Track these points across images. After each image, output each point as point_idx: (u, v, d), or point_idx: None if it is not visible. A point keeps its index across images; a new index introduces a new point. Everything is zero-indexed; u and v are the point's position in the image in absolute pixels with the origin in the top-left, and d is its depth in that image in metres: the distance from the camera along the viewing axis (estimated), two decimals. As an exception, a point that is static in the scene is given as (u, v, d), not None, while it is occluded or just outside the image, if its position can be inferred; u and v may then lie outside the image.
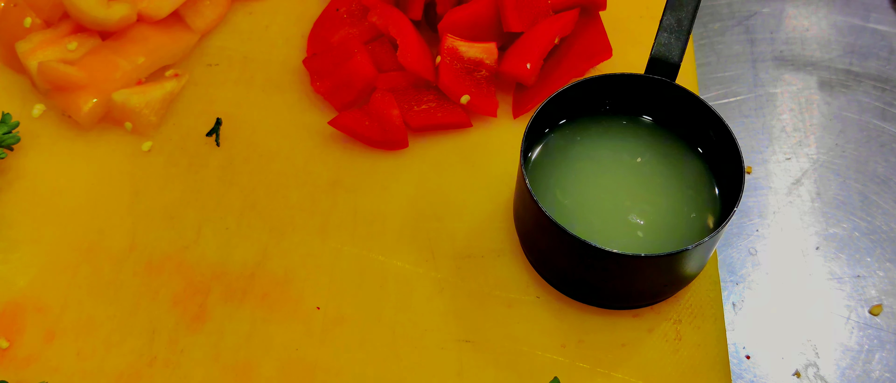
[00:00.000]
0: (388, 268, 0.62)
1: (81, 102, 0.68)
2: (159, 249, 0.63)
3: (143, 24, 0.71)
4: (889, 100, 0.77)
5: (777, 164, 0.73)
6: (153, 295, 0.61)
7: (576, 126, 0.61)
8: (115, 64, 0.69)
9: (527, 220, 0.58)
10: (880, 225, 0.69)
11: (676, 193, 0.60)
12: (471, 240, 0.63)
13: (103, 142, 0.68)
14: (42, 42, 0.70)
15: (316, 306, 0.60)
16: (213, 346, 0.59)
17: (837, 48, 0.80)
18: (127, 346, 0.59)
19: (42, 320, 0.60)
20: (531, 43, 0.68)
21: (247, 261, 0.62)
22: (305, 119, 0.70)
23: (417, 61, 0.68)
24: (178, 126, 0.69)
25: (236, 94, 0.71)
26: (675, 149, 0.61)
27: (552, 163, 0.60)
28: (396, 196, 0.66)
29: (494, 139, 0.68)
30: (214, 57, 0.73)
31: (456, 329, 0.60)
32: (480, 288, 0.61)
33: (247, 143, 0.68)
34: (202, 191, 0.66)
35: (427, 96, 0.69)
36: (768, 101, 0.77)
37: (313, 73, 0.71)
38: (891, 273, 0.67)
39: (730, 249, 0.68)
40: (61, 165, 0.67)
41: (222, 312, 0.60)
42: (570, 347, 0.59)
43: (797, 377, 0.63)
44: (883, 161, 0.73)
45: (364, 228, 0.64)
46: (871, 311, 0.66)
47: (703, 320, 0.60)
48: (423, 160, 0.67)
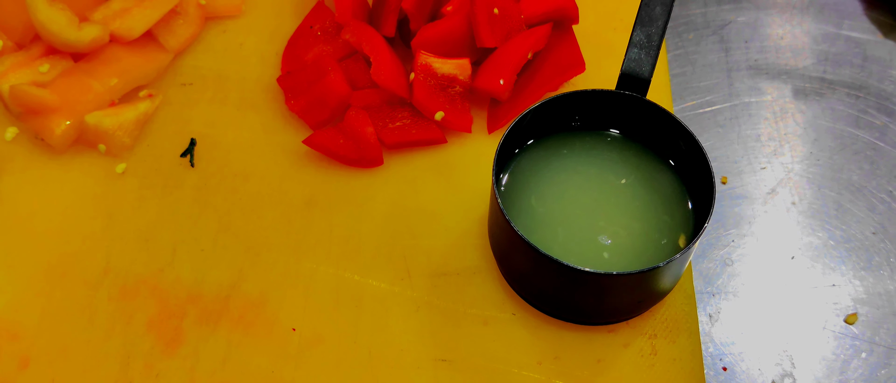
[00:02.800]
0: (364, 288, 0.62)
1: (54, 125, 0.68)
2: (134, 272, 0.63)
3: (116, 44, 0.71)
4: (863, 107, 0.78)
5: (752, 174, 0.74)
6: (128, 320, 0.60)
7: (548, 142, 0.62)
8: (88, 86, 0.69)
9: (501, 239, 0.58)
10: (855, 233, 0.70)
11: (649, 208, 0.60)
12: (446, 258, 0.63)
13: (77, 164, 0.68)
14: (13, 65, 0.70)
15: (291, 327, 0.60)
16: (188, 370, 0.59)
17: (811, 56, 0.81)
18: (102, 372, 0.58)
19: (15, 347, 0.60)
20: (504, 58, 0.68)
21: (222, 282, 0.62)
22: (280, 138, 0.70)
23: (391, 78, 0.68)
24: (152, 147, 0.69)
25: (210, 114, 0.71)
26: (648, 163, 0.61)
27: (524, 181, 0.60)
28: (372, 214, 0.66)
29: (469, 155, 0.68)
30: (188, 76, 0.73)
31: (432, 348, 0.60)
32: (456, 306, 0.61)
33: (221, 164, 0.68)
34: (177, 212, 0.66)
35: (401, 113, 0.69)
36: (743, 111, 0.77)
37: (287, 91, 0.71)
38: (866, 282, 0.67)
39: (705, 260, 0.69)
40: (35, 189, 0.67)
41: (197, 335, 0.60)
42: (547, 364, 0.59)
43: None
44: (857, 169, 0.74)
45: (339, 247, 0.64)
46: (847, 320, 0.66)
47: (678, 334, 0.60)
48: (399, 177, 0.68)
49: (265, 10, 0.77)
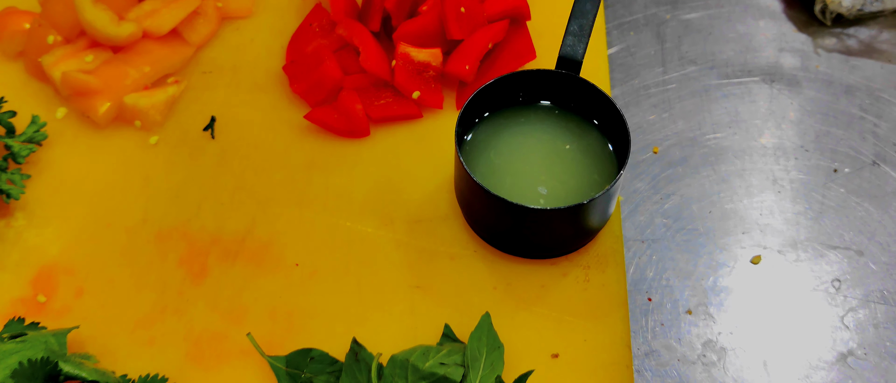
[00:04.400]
0: (354, 232, 0.76)
1: (98, 105, 0.82)
2: (166, 222, 0.77)
3: (148, 39, 0.85)
4: (776, 90, 0.91)
5: (680, 146, 0.87)
6: (163, 258, 0.74)
7: (502, 114, 0.76)
8: (125, 73, 0.83)
9: (463, 189, 0.72)
10: (760, 183, 0.83)
11: (581, 167, 0.74)
12: (421, 208, 0.77)
13: (117, 137, 0.82)
14: (63, 55, 0.84)
15: (295, 263, 0.74)
16: (212, 297, 0.72)
17: (734, 48, 0.95)
18: (142, 298, 0.72)
19: (72, 280, 0.73)
20: (470, 48, 0.82)
21: (238, 228, 0.76)
22: (285, 115, 0.84)
23: (377, 65, 0.82)
24: (179, 123, 0.83)
25: (227, 96, 0.85)
26: (581, 129, 0.75)
27: (483, 144, 0.74)
28: (361, 174, 0.80)
29: (441, 127, 0.83)
30: (208, 66, 0.87)
31: (409, 277, 0.73)
32: (429, 245, 0.75)
33: (237, 136, 0.82)
34: (200, 175, 0.80)
35: (385, 93, 0.83)
36: (674, 92, 0.91)
37: (291, 77, 0.85)
38: (768, 228, 0.81)
39: (638, 215, 0.82)
40: (82, 157, 0.81)
41: (219, 269, 0.74)
42: (500, 289, 0.73)
43: (689, 314, 0.77)
44: (771, 136, 0.87)
45: (334, 201, 0.78)
46: (752, 261, 0.80)
47: (607, 266, 0.73)
48: (383, 145, 0.82)
49: (272, 11, 0.92)
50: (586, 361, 0.69)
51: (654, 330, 0.75)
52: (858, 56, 0.94)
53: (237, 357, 0.69)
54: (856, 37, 0.96)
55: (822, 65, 0.93)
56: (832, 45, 0.95)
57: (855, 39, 0.96)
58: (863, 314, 0.76)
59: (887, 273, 0.78)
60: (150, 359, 0.69)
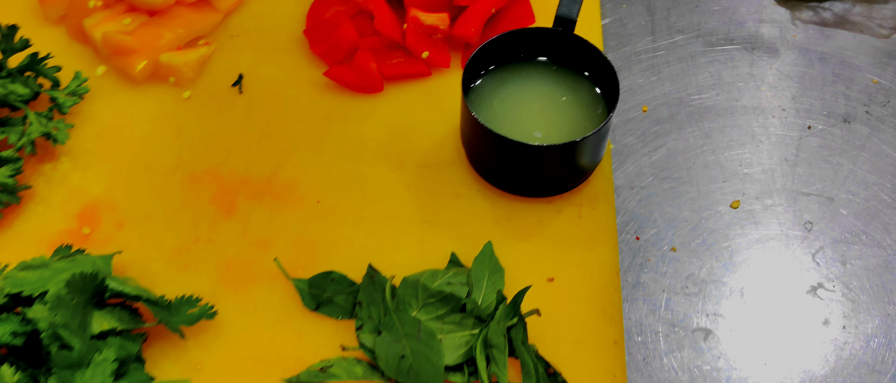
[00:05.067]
0: (369, 175, 0.84)
1: (135, 63, 0.90)
2: (199, 165, 0.84)
3: (181, 5, 0.93)
4: (754, 58, 0.99)
5: (667, 106, 0.95)
6: (196, 197, 0.82)
7: (504, 68, 0.83)
8: (160, 34, 0.91)
9: (467, 132, 0.80)
10: (740, 137, 0.91)
11: (575, 115, 0.81)
12: (429, 154, 0.85)
13: (152, 92, 0.90)
14: (103, 18, 0.92)
15: (316, 200, 0.82)
16: (241, 230, 0.80)
17: (718, 19, 1.02)
18: (177, 230, 0.80)
19: (113, 215, 0.81)
20: (475, 13, 0.90)
21: (264, 172, 0.84)
22: (306, 73, 0.92)
23: (389, 28, 0.90)
24: (210, 79, 0.91)
25: (253, 57, 0.93)
26: (575, 82, 0.83)
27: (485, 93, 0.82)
28: (374, 125, 0.87)
29: (447, 84, 0.90)
30: (235, 30, 0.95)
31: (418, 213, 0.81)
32: (437, 186, 0.83)
33: (262, 91, 0.90)
34: (229, 125, 0.87)
35: (397, 54, 0.91)
36: (662, 58, 0.99)
37: (311, 40, 0.93)
38: (747, 177, 0.88)
39: (629, 165, 0.90)
40: (121, 109, 0.89)
41: (248, 207, 0.81)
42: (501, 224, 0.80)
43: (673, 251, 0.84)
44: (750, 96, 0.95)
45: (351, 148, 0.86)
46: (732, 205, 0.87)
47: (598, 204, 0.81)
48: (394, 100, 0.89)
49: (292, -17, 1.00)
50: (579, 285, 0.76)
51: (642, 265, 0.83)
52: (832, 27, 1.02)
53: (264, 280, 0.76)
54: (831, 10, 1.04)
55: (799, 35, 1.01)
56: (809, 17, 1.03)
57: (830, 12, 1.03)
58: (832, 252, 0.84)
59: (855, 217, 0.86)
60: (185, 283, 0.76)
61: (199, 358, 0.72)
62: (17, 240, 0.79)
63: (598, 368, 0.72)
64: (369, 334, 0.71)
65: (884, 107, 0.95)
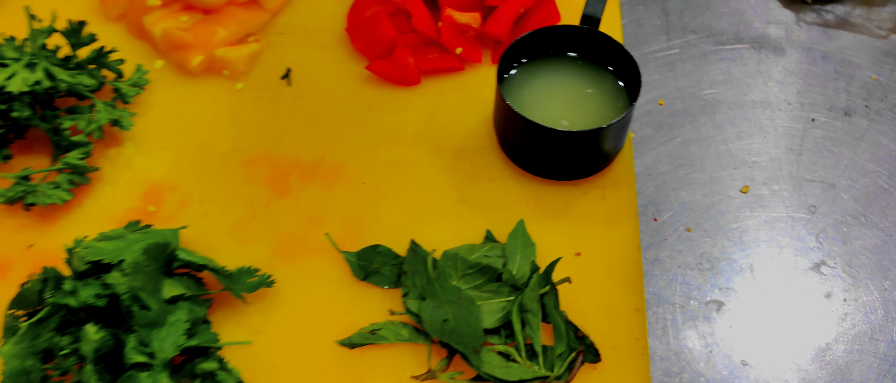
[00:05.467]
0: (409, 159, 0.91)
1: (192, 57, 0.97)
2: (253, 150, 0.91)
3: (233, 4, 1.01)
4: (762, 56, 1.06)
5: (681, 99, 1.02)
6: (252, 178, 0.89)
7: (535, 62, 0.91)
8: (215, 31, 0.98)
9: (500, 119, 0.87)
10: (750, 127, 0.98)
11: (599, 106, 0.88)
12: (464, 141, 0.92)
13: (208, 84, 0.98)
14: (162, 16, 0.99)
15: (361, 182, 0.89)
16: (293, 208, 0.87)
17: (727, 20, 1.10)
18: (235, 208, 0.87)
19: (176, 195, 0.88)
20: (504, 12, 0.97)
21: (313, 156, 0.91)
22: (348, 67, 0.99)
23: (426, 26, 0.97)
24: (260, 73, 0.98)
25: (299, 53, 1.00)
26: (600, 75, 0.90)
27: (518, 84, 0.89)
28: (413, 114, 0.95)
29: (479, 78, 0.98)
30: (282, 28, 1.02)
31: (455, 194, 0.88)
32: (471, 170, 0.90)
33: (309, 84, 0.98)
34: (279, 114, 0.95)
35: (433, 50, 0.98)
36: (676, 56, 1.06)
37: (353, 37, 1.00)
38: (755, 165, 0.95)
39: (650, 154, 0.97)
40: (179, 99, 0.96)
41: (299, 187, 0.89)
42: (531, 204, 0.87)
43: (688, 231, 0.91)
44: (758, 90, 1.02)
45: (392, 135, 0.93)
46: (742, 190, 0.94)
47: (620, 187, 0.88)
48: (431, 92, 0.97)
49: (333, -15, 1.07)
50: (603, 258, 0.83)
51: (659, 244, 0.90)
52: (834, 28, 1.09)
53: (316, 253, 0.84)
54: (832, 12, 1.11)
55: (803, 35, 1.08)
56: (812, 19, 1.10)
57: (832, 14, 1.11)
58: (834, 233, 0.91)
59: (855, 201, 0.93)
60: (244, 255, 0.83)
61: (259, 323, 0.79)
62: (88, 218, 0.86)
63: (621, 333, 0.79)
64: (414, 300, 0.78)
65: (882, 101, 1.02)
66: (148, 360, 0.70)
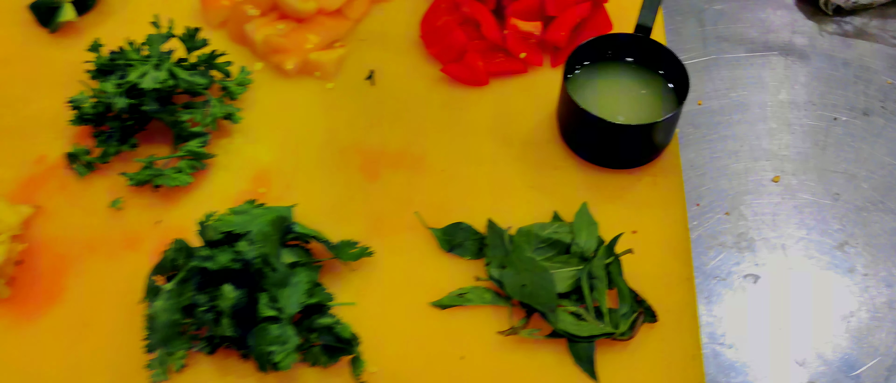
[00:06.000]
0: (481, 149, 1.03)
1: (288, 60, 1.10)
2: (345, 141, 1.04)
3: (322, 14, 1.14)
4: (789, 62, 1.19)
5: (718, 98, 1.14)
6: (346, 166, 1.02)
7: (594, 66, 1.03)
8: (307, 37, 1.11)
9: (564, 113, 1.00)
10: (780, 126, 1.10)
11: (650, 104, 1.01)
12: (530, 134, 1.05)
13: (302, 84, 1.10)
14: (262, 24, 1.12)
15: (441, 169, 1.01)
16: (384, 190, 1.00)
17: (757, 29, 1.22)
18: (334, 191, 1.00)
19: (282, 178, 1.01)
20: (563, 21, 1.10)
21: (398, 146, 1.04)
22: (424, 70, 1.12)
23: (493, 34, 1.10)
24: (347, 74, 1.11)
25: (380, 57, 1.13)
26: (650, 75, 1.03)
27: (579, 84, 1.02)
28: (483, 111, 1.07)
29: (541, 79, 1.10)
30: (364, 35, 1.15)
31: (524, 181, 1.01)
32: (538, 159, 1.03)
33: (390, 84, 1.10)
34: (366, 110, 1.07)
35: (499, 54, 1.11)
36: (712, 62, 1.18)
37: (427, 43, 1.13)
38: (784, 158, 1.07)
39: (688, 148, 1.09)
40: (278, 97, 1.09)
41: (387, 173, 1.01)
42: (592, 189, 1.00)
43: (727, 215, 1.03)
44: (786, 90, 1.14)
45: (465, 129, 1.06)
46: (773, 180, 1.07)
47: (669, 175, 1.01)
48: (498, 92, 1.09)
49: (406, -3, 1.21)
50: (657, 235, 0.96)
51: (702, 225, 1.02)
52: (853, 38, 1.22)
53: (406, 229, 0.96)
54: (851, 23, 1.23)
55: (825, 44, 1.21)
56: (833, 29, 1.23)
57: (850, 25, 1.23)
58: (855, 217, 1.03)
59: (874, 190, 1.05)
60: (344, 231, 0.96)
61: (361, 287, 0.92)
62: (208, 198, 0.99)
63: (673, 299, 0.91)
64: (496, 268, 0.90)
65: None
66: (277, 314, 0.83)
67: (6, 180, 0.99)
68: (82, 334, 0.88)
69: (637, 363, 0.87)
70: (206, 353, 0.86)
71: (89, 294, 0.91)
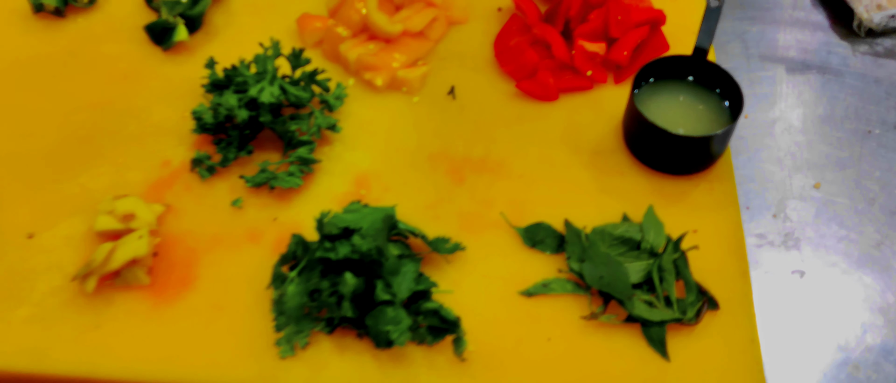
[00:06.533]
0: (554, 157, 1.16)
1: (378, 77, 1.23)
2: (433, 149, 1.17)
3: (406, 35, 1.27)
4: (826, 78, 1.31)
5: (762, 111, 1.27)
6: (435, 170, 1.15)
7: (657, 83, 1.15)
8: (394, 57, 1.24)
9: (630, 124, 1.12)
10: (815, 139, 1.22)
11: (708, 118, 1.13)
12: (597, 144, 1.18)
13: (391, 98, 1.23)
14: (353, 45, 1.25)
15: (520, 175, 1.14)
16: (470, 193, 1.12)
17: (795, 50, 1.34)
18: (425, 193, 1.13)
19: (380, 181, 1.14)
20: (624, 42, 1.23)
21: (480, 154, 1.17)
22: (499, 86, 1.25)
23: (562, 54, 1.22)
24: (430, 89, 1.24)
25: (459, 74, 1.26)
26: (707, 93, 1.15)
27: (644, 99, 1.14)
28: (554, 123, 1.20)
29: (605, 95, 1.23)
30: (443, 55, 1.28)
31: (594, 185, 1.13)
32: (606, 166, 1.15)
33: (469, 98, 1.23)
34: (448, 121, 1.20)
35: (567, 72, 1.23)
36: (755, 78, 1.31)
37: (501, 61, 1.26)
38: (824, 166, 1.19)
39: (740, 156, 1.21)
40: (370, 110, 1.22)
41: (472, 177, 1.14)
42: (656, 193, 1.12)
43: (774, 217, 1.15)
44: (825, 103, 1.26)
45: (539, 139, 1.18)
46: (814, 186, 1.19)
47: (723, 181, 1.13)
48: (567, 106, 1.22)
49: (480, 19, 1.34)
50: (714, 235, 1.08)
51: (750, 226, 1.14)
52: (883, 58, 1.34)
53: (492, 227, 1.09)
54: (882, 44, 1.36)
55: (858, 63, 1.33)
56: (865, 50, 1.35)
57: (881, 46, 1.35)
58: (889, 220, 1.15)
59: (905, 195, 1.18)
60: (437, 228, 1.08)
61: (456, 278, 1.04)
62: (317, 198, 1.12)
63: (732, 290, 1.03)
64: (576, 262, 1.03)
65: (925, 117, 1.27)
66: (391, 298, 0.95)
67: (137, 182, 1.13)
68: (215, 316, 1.01)
69: (702, 345, 0.99)
70: (325, 333, 0.99)
71: (219, 281, 1.04)
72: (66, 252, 1.06)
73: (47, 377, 0.98)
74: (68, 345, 0.99)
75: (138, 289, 1.02)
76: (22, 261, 1.05)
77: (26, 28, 1.30)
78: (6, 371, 0.98)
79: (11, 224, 1.08)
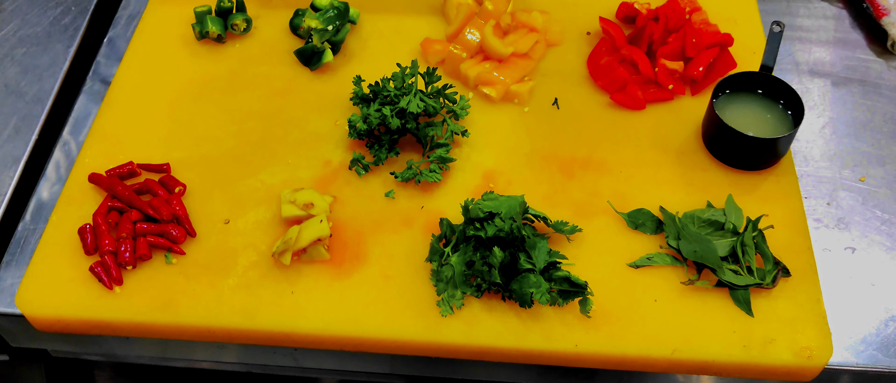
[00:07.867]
0: (646, 156, 1.40)
1: (494, 91, 1.47)
2: (545, 150, 1.41)
3: (515, 55, 1.51)
4: (866, 90, 1.54)
5: (814, 118, 1.50)
6: (548, 167, 1.39)
7: (729, 94, 1.39)
8: (506, 73, 1.49)
9: (709, 127, 1.36)
10: (857, 143, 1.46)
11: (774, 125, 1.37)
12: (680, 145, 1.42)
13: (504, 108, 1.48)
14: (473, 64, 1.50)
15: (619, 171, 1.37)
16: (579, 186, 1.36)
17: (839, 65, 1.58)
18: (542, 186, 1.36)
19: (504, 176, 1.38)
20: (699, 61, 1.47)
21: (584, 154, 1.41)
22: (594, 98, 1.49)
23: (647, 70, 1.47)
24: (537, 101, 1.49)
25: (559, 87, 1.50)
26: (772, 103, 1.39)
27: (720, 107, 1.38)
28: (643, 128, 1.44)
29: (684, 105, 1.48)
30: (545, 72, 1.53)
31: (681, 179, 1.37)
32: (689, 164, 1.40)
33: (570, 108, 1.48)
34: (555, 127, 1.45)
35: (652, 86, 1.48)
36: (805, 92, 1.55)
37: (595, 77, 1.50)
38: (867, 164, 1.43)
39: (800, 157, 1.44)
40: (488, 118, 1.47)
41: (580, 173, 1.38)
42: (732, 185, 1.37)
43: (828, 205, 1.38)
44: (863, 111, 1.50)
45: (631, 141, 1.43)
46: (860, 180, 1.42)
47: (787, 175, 1.37)
48: (652, 114, 1.47)
49: (572, 41, 1.58)
50: (783, 218, 1.32)
51: (809, 212, 1.38)
52: (914, 72, 1.58)
53: (599, 214, 1.33)
54: (912, 61, 1.60)
55: (893, 77, 1.57)
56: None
57: (911, 63, 1.60)
58: (924, 206, 1.39)
59: (936, 186, 1.41)
60: (555, 214, 1.32)
61: (575, 253, 1.29)
62: (454, 190, 1.36)
63: (799, 262, 1.27)
64: (673, 239, 1.27)
65: (950, 122, 1.50)
66: (532, 267, 1.19)
67: (306, 178, 1.37)
68: (386, 284, 1.25)
69: (778, 304, 1.23)
70: (475, 297, 1.22)
71: (385, 257, 1.28)
72: (257, 234, 1.30)
73: (255, 332, 1.22)
74: (270, 308, 1.23)
75: (321, 263, 1.27)
76: (224, 242, 1.29)
77: (194, 52, 1.55)
78: (224, 327, 1.22)
79: (211, 212, 1.32)
